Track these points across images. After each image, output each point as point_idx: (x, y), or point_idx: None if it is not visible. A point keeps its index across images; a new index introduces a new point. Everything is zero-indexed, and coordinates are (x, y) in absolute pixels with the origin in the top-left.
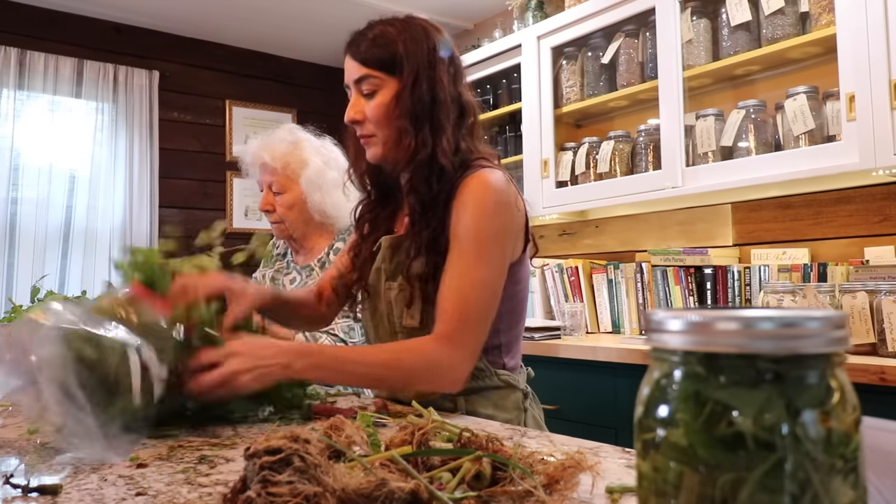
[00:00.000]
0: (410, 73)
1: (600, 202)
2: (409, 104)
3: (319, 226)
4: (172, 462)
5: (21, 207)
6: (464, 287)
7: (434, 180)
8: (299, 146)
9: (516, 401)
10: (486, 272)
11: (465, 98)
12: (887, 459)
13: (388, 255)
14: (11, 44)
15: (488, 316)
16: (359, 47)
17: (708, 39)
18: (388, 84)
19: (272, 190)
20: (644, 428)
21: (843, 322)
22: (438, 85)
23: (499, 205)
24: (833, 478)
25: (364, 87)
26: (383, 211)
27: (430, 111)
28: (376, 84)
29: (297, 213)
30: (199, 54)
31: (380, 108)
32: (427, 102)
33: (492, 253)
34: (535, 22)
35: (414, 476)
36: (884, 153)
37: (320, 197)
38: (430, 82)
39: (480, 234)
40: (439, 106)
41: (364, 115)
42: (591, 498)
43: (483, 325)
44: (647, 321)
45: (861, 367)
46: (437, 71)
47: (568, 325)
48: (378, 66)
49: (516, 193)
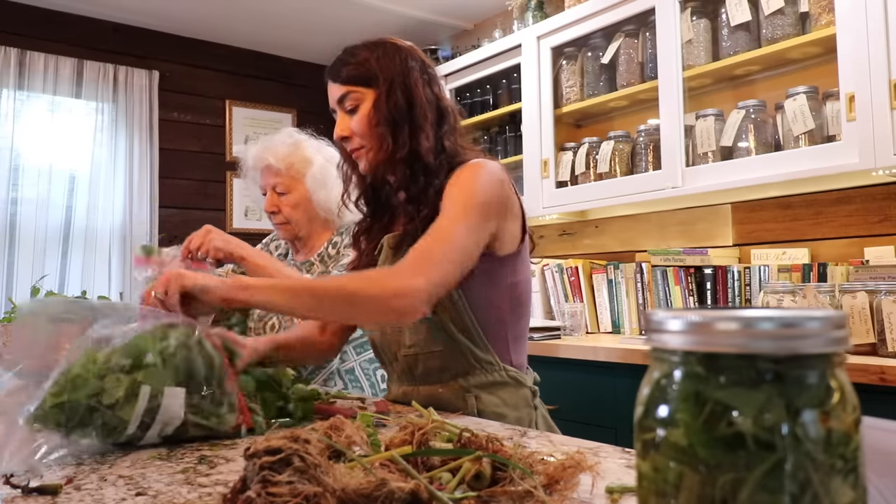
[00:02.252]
0: (385, 81)
1: (600, 202)
2: (386, 110)
3: (323, 223)
4: (172, 462)
5: (21, 207)
6: (437, 230)
7: (420, 177)
8: (300, 146)
9: (525, 398)
10: (463, 221)
11: (444, 102)
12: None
13: (391, 253)
14: (11, 44)
15: (454, 265)
16: (338, 71)
17: (708, 39)
18: (367, 97)
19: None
20: (644, 428)
21: (843, 322)
22: (413, 90)
23: (487, 182)
24: (833, 478)
25: (347, 104)
26: (378, 222)
27: (408, 114)
28: (357, 98)
29: (302, 212)
30: (199, 54)
31: (362, 119)
32: (403, 107)
33: (473, 214)
34: (535, 22)
35: (414, 476)
36: (884, 153)
37: (325, 194)
38: (403, 88)
39: (465, 194)
40: (416, 109)
41: (350, 131)
42: (591, 498)
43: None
44: (647, 321)
45: (861, 367)
46: (410, 78)
47: (568, 325)
48: (356, 83)
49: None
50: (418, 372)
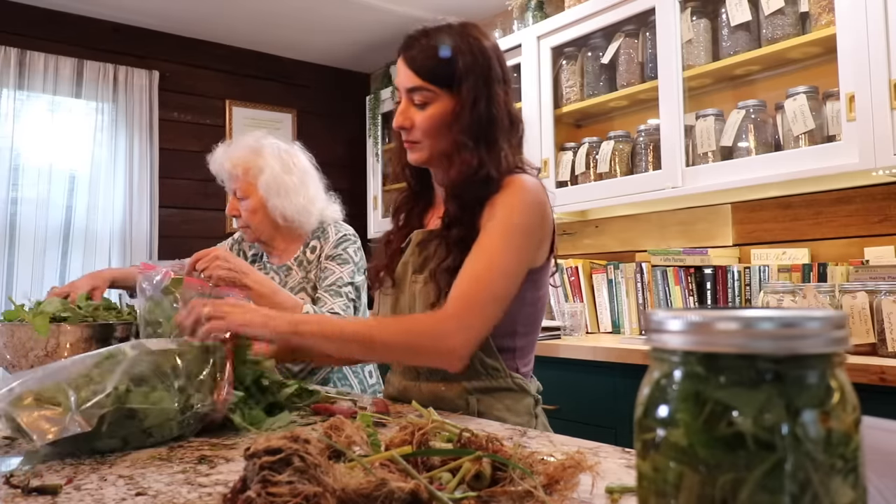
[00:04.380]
0: (469, 91)
1: (600, 202)
2: (469, 122)
3: (285, 229)
4: (172, 462)
5: (21, 207)
6: (480, 270)
7: (480, 189)
8: (258, 152)
9: (528, 406)
10: (506, 260)
11: (514, 112)
12: (887, 459)
13: (418, 250)
14: (11, 44)
15: (499, 301)
16: (414, 55)
17: (708, 39)
18: (441, 98)
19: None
20: (644, 428)
21: (843, 322)
22: (494, 102)
23: (531, 204)
24: (833, 478)
25: (416, 98)
26: (417, 205)
27: (487, 128)
28: (430, 97)
29: (260, 218)
30: (199, 54)
31: (432, 119)
32: (484, 120)
33: (516, 244)
34: (535, 22)
35: (414, 476)
36: (884, 153)
37: (280, 202)
38: (487, 101)
39: (508, 226)
40: (495, 123)
41: (413, 123)
42: (591, 498)
43: (492, 308)
44: (647, 321)
45: (861, 367)
46: (493, 88)
47: (568, 325)
48: (433, 80)
49: (549, 202)
50: (423, 369)
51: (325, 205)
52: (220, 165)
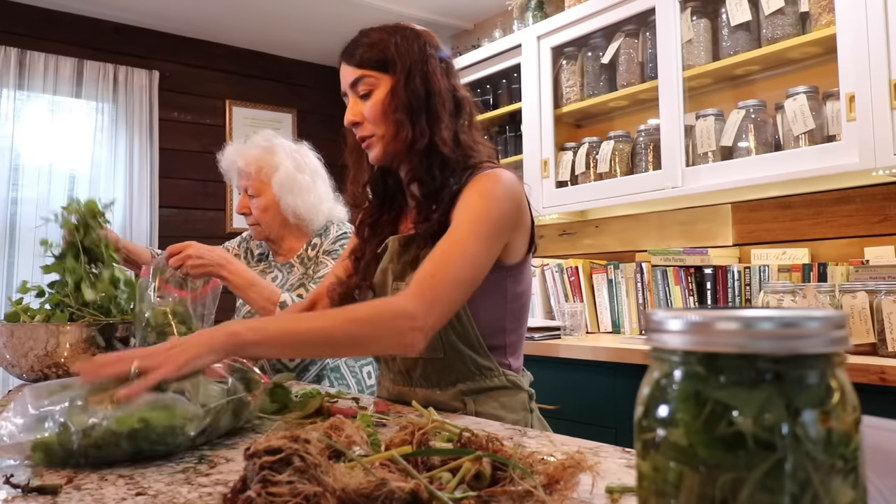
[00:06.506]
0: (403, 68)
1: (600, 202)
2: (405, 97)
3: (295, 227)
4: (172, 462)
5: (21, 207)
6: (443, 255)
7: (436, 169)
8: (272, 151)
9: (523, 401)
10: (471, 247)
11: (461, 93)
12: (887, 459)
13: (396, 255)
14: (11, 44)
15: (462, 286)
16: (353, 53)
17: (708, 39)
18: (382, 82)
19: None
20: (644, 428)
21: (843, 322)
22: (432, 78)
23: (504, 195)
24: (833, 478)
25: (360, 89)
26: (386, 214)
27: (426, 102)
28: (372, 83)
29: (271, 216)
30: (199, 54)
31: (376, 105)
32: (422, 95)
33: (484, 232)
34: (535, 22)
35: (414, 476)
36: (884, 153)
37: (292, 200)
38: (423, 76)
39: (476, 214)
40: (434, 97)
41: (362, 116)
42: (591, 498)
43: (454, 292)
44: (647, 321)
45: (861, 367)
46: (429, 65)
47: (568, 325)
48: (372, 66)
49: (525, 194)
50: (416, 375)
51: (333, 205)
52: (232, 163)
